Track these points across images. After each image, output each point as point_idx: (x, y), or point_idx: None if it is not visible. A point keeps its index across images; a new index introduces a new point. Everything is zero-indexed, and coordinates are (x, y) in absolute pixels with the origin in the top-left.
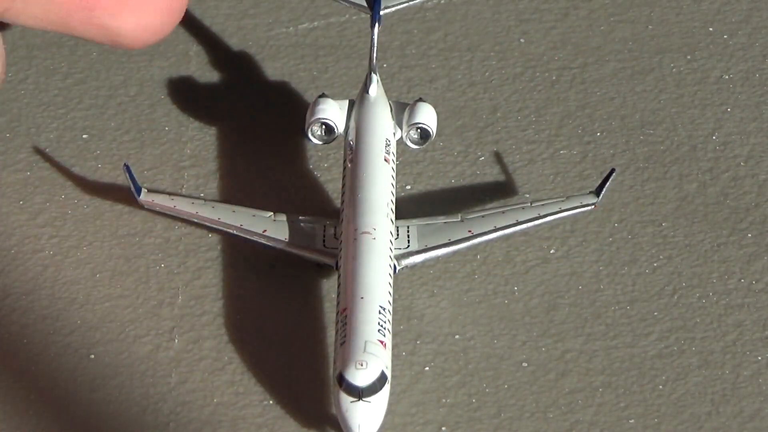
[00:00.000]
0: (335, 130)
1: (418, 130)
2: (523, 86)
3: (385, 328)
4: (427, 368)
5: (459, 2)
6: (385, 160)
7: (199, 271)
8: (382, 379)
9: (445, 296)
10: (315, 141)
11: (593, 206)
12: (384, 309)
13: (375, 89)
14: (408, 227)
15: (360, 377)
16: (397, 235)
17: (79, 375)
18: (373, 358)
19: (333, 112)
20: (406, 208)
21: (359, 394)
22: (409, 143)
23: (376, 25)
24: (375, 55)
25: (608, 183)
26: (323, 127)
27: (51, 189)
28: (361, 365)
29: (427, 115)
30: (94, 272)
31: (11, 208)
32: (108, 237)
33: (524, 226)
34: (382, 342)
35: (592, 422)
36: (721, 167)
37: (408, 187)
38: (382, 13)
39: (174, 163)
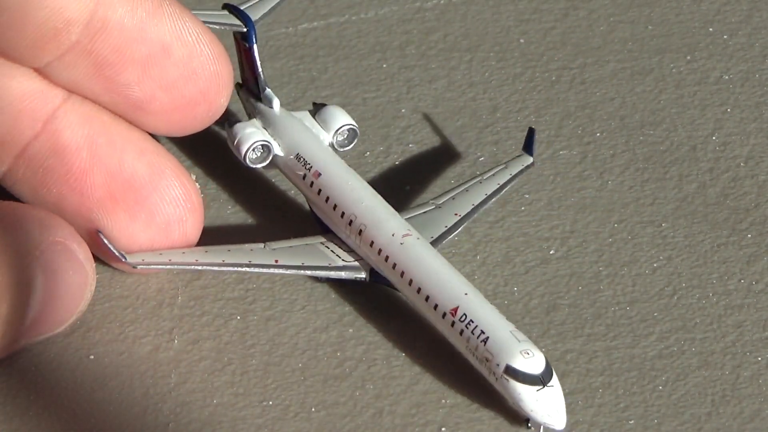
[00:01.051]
0: (272, 148)
1: (347, 133)
2: (523, 86)
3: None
4: (426, 369)
5: (459, 2)
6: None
7: (198, 271)
8: (548, 363)
9: None
10: (255, 166)
11: (532, 164)
12: (483, 296)
13: (278, 103)
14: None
15: (534, 365)
16: None
17: (79, 375)
18: (529, 344)
19: (259, 133)
20: (406, 209)
21: (542, 381)
22: (338, 148)
23: (254, 41)
24: (261, 70)
25: (534, 142)
26: (260, 149)
27: None
28: (528, 353)
29: (345, 116)
30: (94, 272)
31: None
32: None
33: (495, 198)
34: (516, 329)
35: (592, 423)
36: (721, 168)
37: (407, 188)
38: (256, 25)
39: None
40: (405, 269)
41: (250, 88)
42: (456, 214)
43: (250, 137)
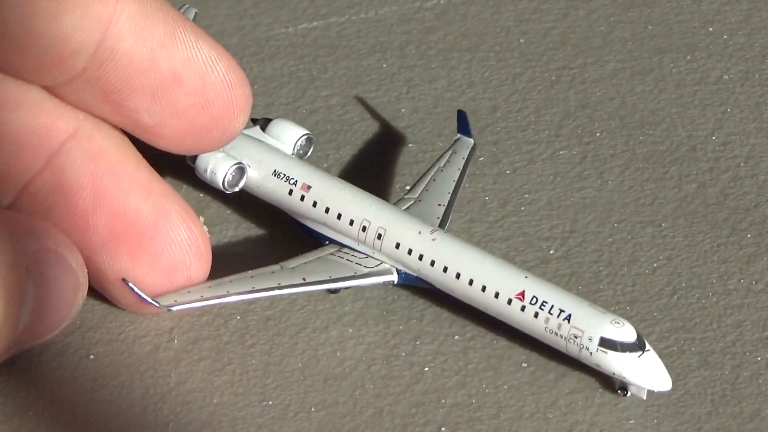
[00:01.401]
0: (246, 169)
1: (305, 142)
2: (523, 86)
3: None
4: (426, 369)
5: (458, 2)
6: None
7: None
8: (636, 329)
9: (445, 296)
10: (233, 190)
11: (476, 146)
12: (540, 277)
13: None
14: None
15: (627, 333)
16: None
17: (79, 375)
18: (613, 314)
19: (229, 157)
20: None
21: (641, 346)
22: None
23: None
24: None
25: (468, 123)
26: (235, 173)
27: None
28: (618, 323)
29: (297, 127)
30: None
31: None
32: None
33: (462, 183)
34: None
35: (591, 423)
36: (720, 167)
37: (407, 187)
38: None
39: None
40: (448, 264)
41: None
42: (439, 205)
43: (224, 162)
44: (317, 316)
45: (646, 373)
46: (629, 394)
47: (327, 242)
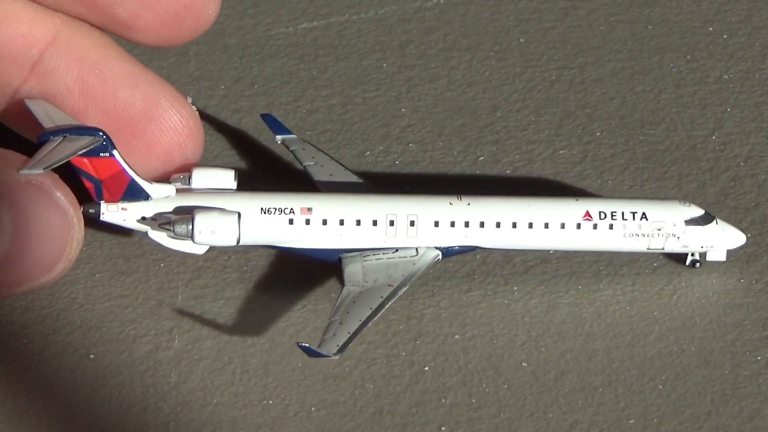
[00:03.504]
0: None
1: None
2: (523, 86)
3: None
4: (426, 368)
5: (458, 2)
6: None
7: (198, 270)
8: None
9: (445, 296)
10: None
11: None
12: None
13: (173, 187)
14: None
15: (696, 209)
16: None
17: (80, 374)
18: (673, 199)
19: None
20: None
21: (711, 215)
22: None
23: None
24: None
25: (278, 122)
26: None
27: None
28: (685, 203)
29: (224, 170)
30: (94, 272)
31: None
32: (107, 236)
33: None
34: None
35: (591, 422)
36: (720, 167)
37: (407, 186)
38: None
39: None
40: (498, 219)
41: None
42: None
43: (221, 215)
44: (317, 315)
45: (726, 235)
46: (701, 264)
47: (339, 257)
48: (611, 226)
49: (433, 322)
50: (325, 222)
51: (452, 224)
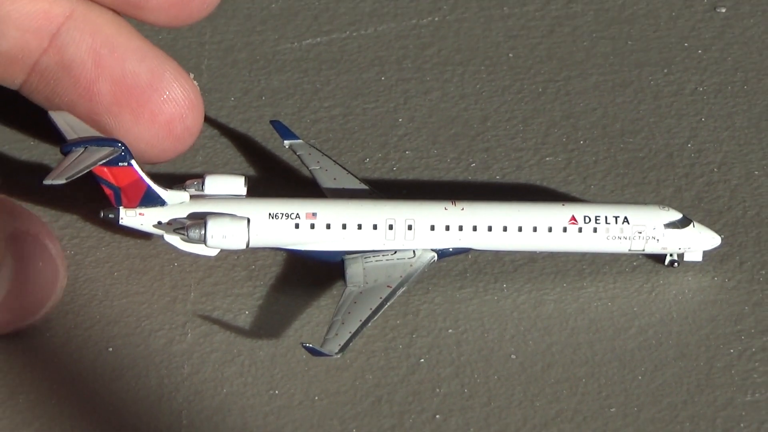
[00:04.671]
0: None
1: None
2: (512, 98)
3: None
4: (422, 360)
5: (452, 19)
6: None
7: (209, 269)
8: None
9: (439, 293)
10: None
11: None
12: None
13: (187, 194)
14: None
15: (675, 213)
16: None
17: (99, 366)
18: (653, 204)
19: (224, 214)
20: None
21: (688, 219)
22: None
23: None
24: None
25: (286, 128)
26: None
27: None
28: (664, 208)
29: (233, 176)
30: (113, 270)
31: (35, 212)
32: (125, 237)
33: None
34: None
35: (576, 410)
36: (696, 173)
37: (404, 191)
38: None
39: (186, 170)
40: (489, 224)
41: (144, 205)
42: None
43: (231, 220)
44: (320, 311)
45: (702, 237)
46: (679, 264)
47: (341, 258)
48: (595, 230)
49: (428, 318)
50: (328, 226)
51: (447, 228)
